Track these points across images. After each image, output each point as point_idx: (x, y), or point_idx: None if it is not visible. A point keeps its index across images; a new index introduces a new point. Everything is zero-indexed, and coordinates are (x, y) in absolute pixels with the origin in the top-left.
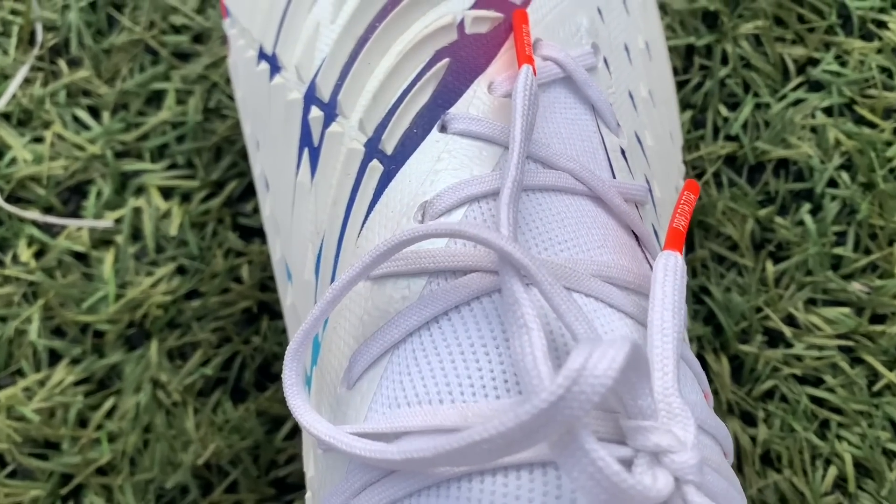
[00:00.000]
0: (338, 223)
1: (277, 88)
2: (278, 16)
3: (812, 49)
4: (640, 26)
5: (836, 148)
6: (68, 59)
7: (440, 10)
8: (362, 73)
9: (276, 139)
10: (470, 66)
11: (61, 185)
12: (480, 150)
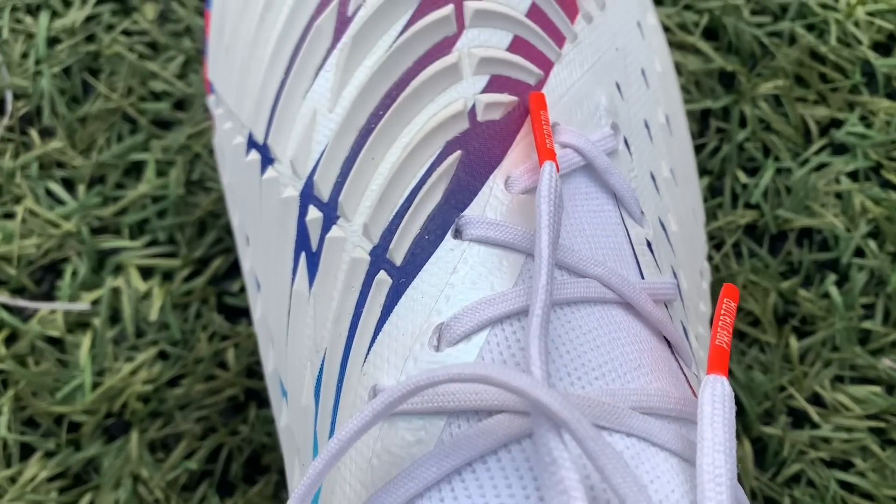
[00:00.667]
0: (341, 343)
1: (270, 183)
2: (270, 101)
3: (835, 110)
4: (660, 99)
5: (862, 215)
6: (40, 128)
7: (450, 95)
8: (366, 169)
9: (269, 239)
10: (484, 159)
11: (34, 265)
12: (500, 260)
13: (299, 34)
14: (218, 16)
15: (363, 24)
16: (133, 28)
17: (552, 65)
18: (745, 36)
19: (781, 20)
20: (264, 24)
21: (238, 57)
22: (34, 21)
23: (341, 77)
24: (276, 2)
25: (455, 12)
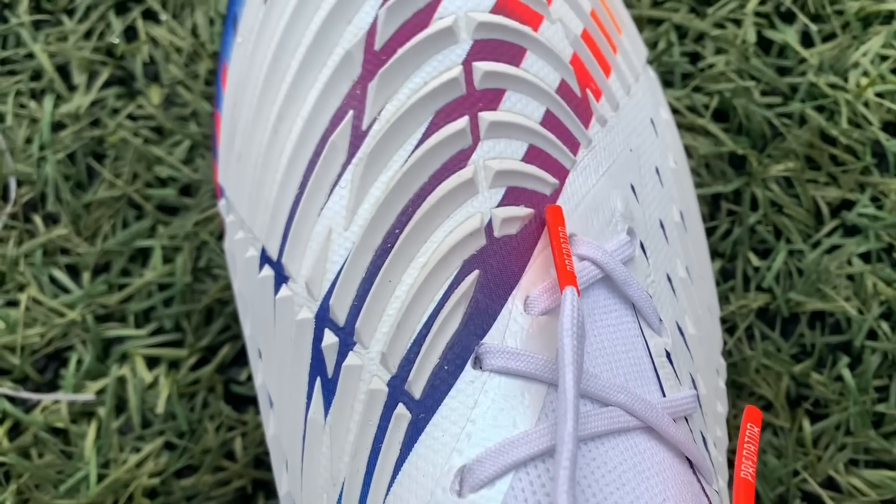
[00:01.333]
0: (358, 479)
1: (285, 303)
2: (284, 217)
3: (846, 191)
4: (675, 195)
5: (874, 297)
6: (44, 215)
7: (466, 210)
8: (382, 293)
9: (284, 359)
10: (502, 279)
11: (37, 354)
12: (522, 393)
13: (314, 148)
14: (228, 120)
15: (378, 139)
16: (138, 112)
17: (567, 172)
18: (755, 117)
19: (791, 101)
20: (278, 135)
21: (251, 167)
22: (38, 106)
23: (356, 194)
24: (289, 113)
25: (470, 124)
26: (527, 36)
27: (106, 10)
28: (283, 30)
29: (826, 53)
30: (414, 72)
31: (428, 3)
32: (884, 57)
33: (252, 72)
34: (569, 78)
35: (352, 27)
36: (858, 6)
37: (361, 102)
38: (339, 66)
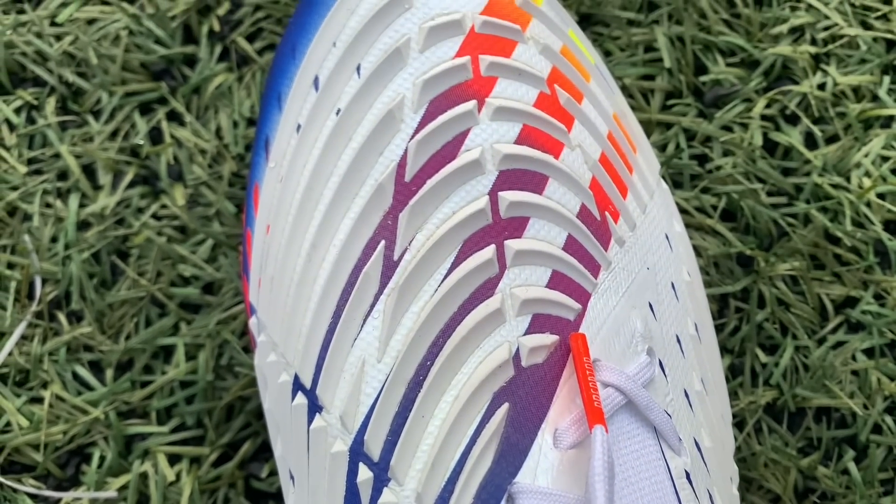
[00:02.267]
0: None
1: (319, 433)
2: (317, 346)
3: (850, 288)
4: (689, 308)
5: (878, 392)
6: (69, 312)
7: (495, 340)
8: (416, 428)
9: (317, 488)
10: (531, 412)
11: (60, 450)
12: None
13: (347, 278)
14: (260, 243)
15: (410, 270)
16: (162, 212)
17: (589, 296)
18: (761, 218)
19: (797, 201)
20: (311, 263)
21: (284, 293)
22: (64, 205)
23: (389, 325)
24: (323, 242)
25: (497, 253)
26: (549, 164)
27: (131, 111)
28: (316, 159)
29: (829, 155)
30: (442, 202)
31: (455, 136)
32: (885, 158)
33: (285, 198)
34: (588, 202)
35: (383, 158)
36: (859, 109)
37: (393, 232)
38: (371, 196)
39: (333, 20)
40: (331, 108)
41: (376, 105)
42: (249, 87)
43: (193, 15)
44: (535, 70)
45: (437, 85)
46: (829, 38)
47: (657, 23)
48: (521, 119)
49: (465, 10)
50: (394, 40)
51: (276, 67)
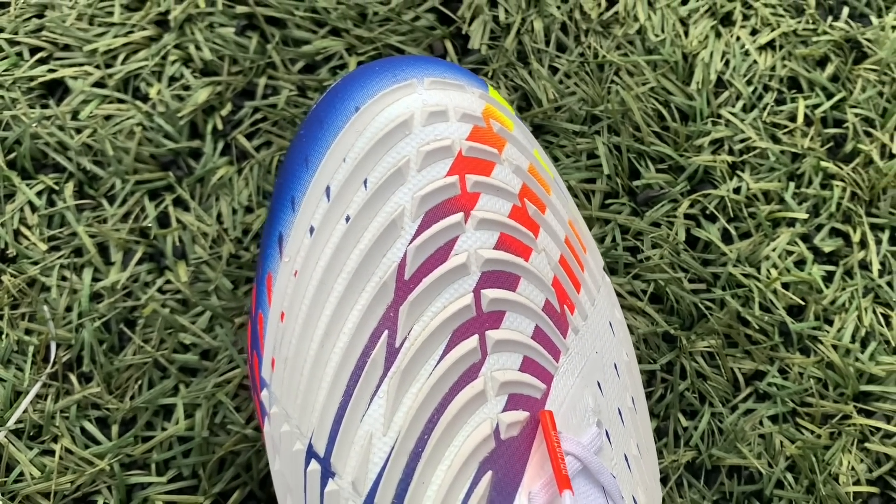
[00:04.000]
0: None
1: (332, 496)
2: (330, 421)
3: (759, 363)
4: (628, 384)
5: (780, 453)
6: (80, 374)
7: (479, 417)
8: (418, 493)
9: None
10: (510, 478)
11: (67, 498)
12: None
13: (355, 363)
14: (274, 327)
15: (409, 356)
16: (167, 287)
17: (552, 377)
18: (684, 301)
19: (714, 288)
20: (324, 349)
21: (299, 373)
22: (79, 279)
23: (392, 404)
24: (333, 330)
25: (479, 342)
26: (521, 266)
27: (141, 196)
28: (328, 258)
29: (742, 249)
30: (435, 298)
31: (446, 242)
32: (789, 252)
33: (299, 290)
34: (551, 298)
35: (386, 259)
36: (768, 210)
37: (395, 323)
38: (377, 292)
39: (344, 139)
40: (341, 215)
41: (380, 214)
42: (248, 178)
43: (199, 114)
44: (509, 187)
45: (432, 199)
46: (744, 149)
47: (598, 133)
48: (499, 228)
49: (454, 137)
50: (395, 160)
51: (289, 173)
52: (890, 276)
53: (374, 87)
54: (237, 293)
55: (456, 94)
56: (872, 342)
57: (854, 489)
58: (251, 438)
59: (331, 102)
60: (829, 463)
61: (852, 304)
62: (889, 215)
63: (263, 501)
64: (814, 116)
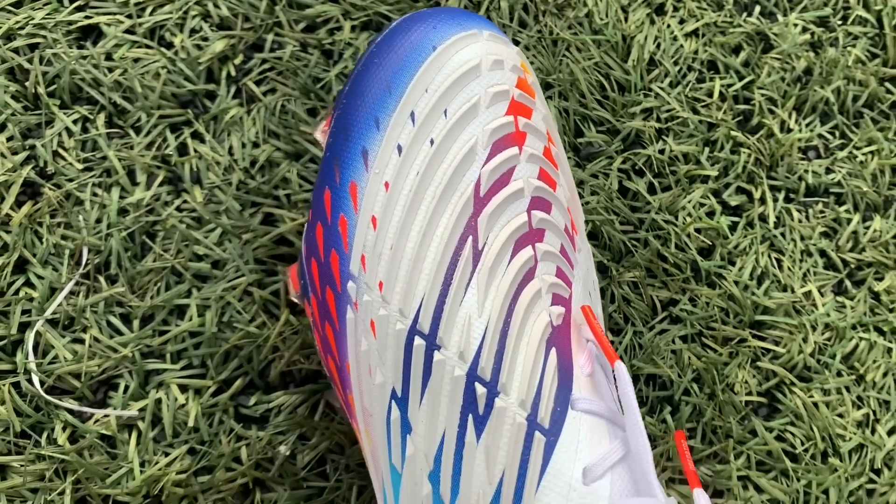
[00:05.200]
0: (512, 483)
1: (440, 364)
2: (433, 304)
3: (673, 293)
4: (598, 299)
5: (688, 366)
6: (107, 276)
7: (539, 308)
8: (513, 361)
9: (437, 402)
10: (565, 354)
11: (94, 379)
12: (598, 426)
13: (451, 258)
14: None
15: (490, 259)
16: (184, 206)
17: (572, 284)
18: (615, 239)
19: (639, 230)
20: (421, 249)
21: (397, 267)
22: (108, 195)
23: (483, 293)
24: (430, 232)
25: (533, 252)
26: (552, 195)
27: (163, 129)
28: (419, 173)
29: (664, 200)
30: (502, 213)
31: (507, 169)
32: (702, 204)
33: (392, 200)
34: (567, 223)
35: (465, 179)
36: (686, 169)
37: (476, 231)
38: (462, 205)
39: (426, 73)
40: (426, 138)
41: (458, 140)
42: (255, 119)
43: (215, 62)
44: (542, 130)
45: (497, 133)
46: (668, 117)
47: (551, 98)
48: (539, 163)
49: (509, 84)
50: (469, 96)
51: (370, 96)
52: (783, 228)
53: (446, 31)
54: (244, 214)
55: (506, 48)
56: (766, 280)
57: (746, 398)
58: (253, 335)
59: (407, 38)
60: (727, 376)
61: (751, 249)
62: (785, 178)
63: (262, 389)
64: (727, 94)
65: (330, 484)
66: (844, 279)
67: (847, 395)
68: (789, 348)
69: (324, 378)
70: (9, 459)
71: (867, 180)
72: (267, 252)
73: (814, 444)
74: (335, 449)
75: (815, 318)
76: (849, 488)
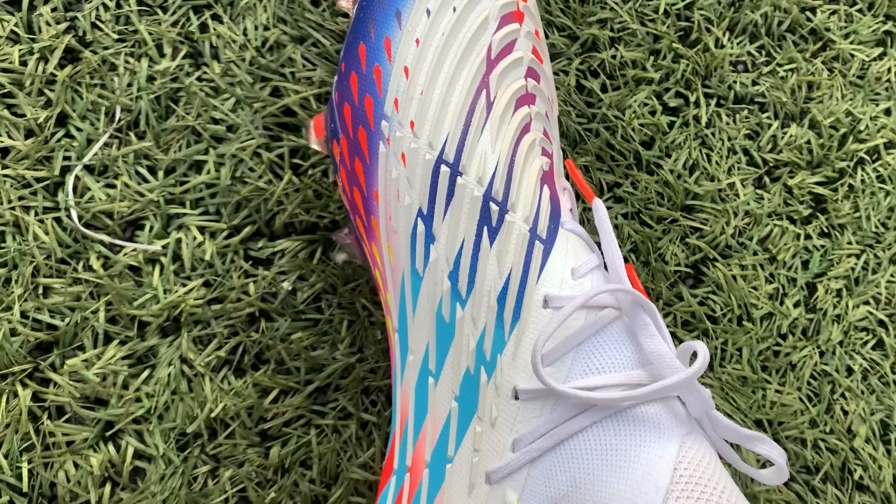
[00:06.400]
0: (518, 275)
1: (462, 188)
2: (457, 139)
3: (618, 177)
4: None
5: (628, 238)
6: (136, 132)
7: (536, 150)
8: (520, 186)
9: (458, 218)
10: (554, 191)
11: (124, 219)
12: (580, 242)
13: (470, 105)
14: (398, 76)
15: (500, 109)
16: (204, 76)
17: (552, 144)
18: (571, 128)
19: (592, 122)
20: (448, 94)
21: (427, 107)
22: (139, 63)
23: (495, 135)
24: (455, 80)
25: (528, 111)
26: (542, 68)
27: (187, 10)
28: (445, 38)
29: (614, 98)
30: (507, 76)
31: (511, 41)
32: (646, 104)
33: (422, 54)
34: (552, 95)
35: (481, 43)
36: (634, 73)
37: (489, 86)
38: (478, 65)
39: None
40: (450, 6)
41: (475, 11)
42: (266, 6)
43: None
44: (535, 15)
45: (505, 9)
46: (620, 28)
47: None
48: (533, 41)
49: None
50: None
51: None
52: (713, 128)
53: None
54: (255, 87)
55: None
56: (697, 171)
57: (675, 269)
58: (261, 190)
59: None
60: (660, 248)
61: (685, 144)
62: (717, 87)
63: (267, 236)
64: (671, 11)
65: (324, 317)
66: (763, 175)
67: (761, 271)
68: (714, 229)
69: (321, 229)
70: (51, 281)
71: (786, 93)
72: (274, 120)
73: (731, 311)
74: (329, 290)
75: (736, 205)
76: (759, 348)
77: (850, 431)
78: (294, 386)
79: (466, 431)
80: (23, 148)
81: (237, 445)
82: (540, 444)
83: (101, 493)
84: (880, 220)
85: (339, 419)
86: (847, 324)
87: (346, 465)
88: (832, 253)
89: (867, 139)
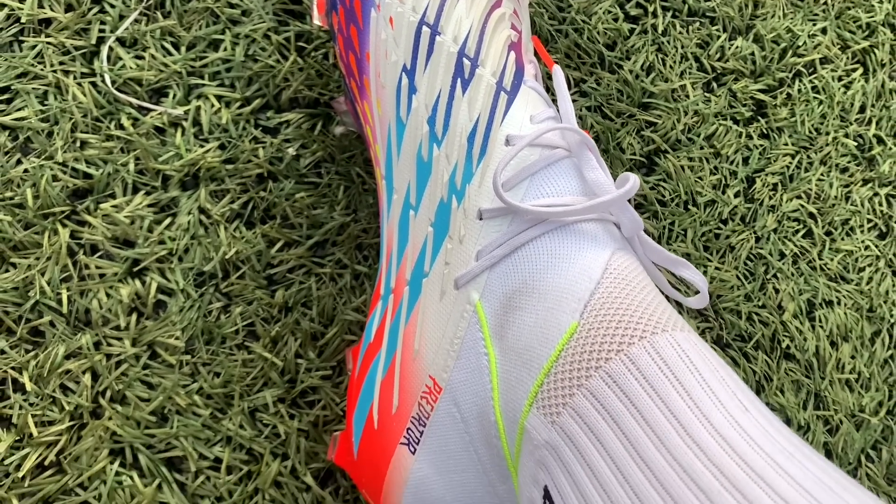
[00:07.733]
0: (486, 117)
1: (440, 45)
2: (437, 4)
3: (583, 74)
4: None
5: (591, 129)
6: (163, 12)
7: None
8: (489, 47)
9: (436, 71)
10: (520, 58)
11: (151, 87)
12: (539, 98)
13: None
14: None
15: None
16: None
17: (521, 23)
18: (543, 28)
19: (563, 25)
20: None
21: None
22: None
23: (471, 4)
24: None
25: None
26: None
27: None
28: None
29: (582, 4)
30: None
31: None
32: (610, 11)
33: None
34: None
35: None
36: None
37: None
38: None
39: None
40: None
41: None
42: None
43: None
44: None
45: None
46: None
47: None
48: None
49: None
50: None
51: None
52: (668, 37)
53: None
54: None
55: None
56: (653, 73)
57: (630, 157)
58: (271, 66)
59: None
60: (618, 139)
61: (644, 49)
62: (673, 0)
63: (275, 108)
64: None
65: (323, 181)
66: (711, 80)
67: (706, 164)
68: (666, 125)
69: (321, 105)
70: (87, 136)
71: (734, 9)
72: (282, 7)
73: (678, 197)
74: (328, 159)
75: (686, 105)
76: (702, 230)
77: (780, 307)
78: (297, 239)
79: (440, 250)
80: (63, 19)
81: (247, 286)
82: (498, 252)
83: (129, 320)
84: (814, 125)
85: (336, 269)
86: (781, 214)
87: (341, 308)
88: (770, 152)
89: (805, 54)
